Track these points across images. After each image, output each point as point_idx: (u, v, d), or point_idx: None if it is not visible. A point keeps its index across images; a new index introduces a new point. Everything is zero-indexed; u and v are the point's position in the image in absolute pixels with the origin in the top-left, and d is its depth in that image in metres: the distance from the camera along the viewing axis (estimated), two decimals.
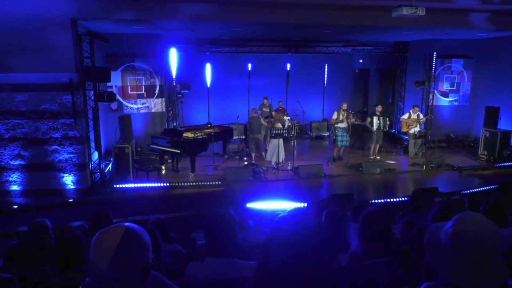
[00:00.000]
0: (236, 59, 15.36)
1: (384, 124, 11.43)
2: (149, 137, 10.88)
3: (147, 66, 11.88)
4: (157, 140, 10.29)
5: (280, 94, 15.41)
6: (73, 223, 6.81)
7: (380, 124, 11.41)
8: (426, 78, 13.62)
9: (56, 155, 8.74)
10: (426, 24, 9.58)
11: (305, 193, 8.90)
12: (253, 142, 11.30)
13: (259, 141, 11.40)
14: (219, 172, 10.35)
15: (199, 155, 10.42)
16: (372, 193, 9.56)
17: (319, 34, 12.62)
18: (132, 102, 11.99)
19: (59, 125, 8.63)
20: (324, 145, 14.35)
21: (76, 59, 8.62)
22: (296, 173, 10.14)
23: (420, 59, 13.81)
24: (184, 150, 9.80)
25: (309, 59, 15.91)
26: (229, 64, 15.54)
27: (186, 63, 14.28)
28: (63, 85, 8.46)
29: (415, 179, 10.22)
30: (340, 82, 16.83)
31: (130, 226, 1.52)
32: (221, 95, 15.53)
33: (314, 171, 10.05)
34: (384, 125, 11.44)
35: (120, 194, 8.74)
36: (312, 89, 16.26)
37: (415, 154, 12.08)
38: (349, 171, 10.59)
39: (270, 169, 10.28)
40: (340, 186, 9.73)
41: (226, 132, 11.78)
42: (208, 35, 13.11)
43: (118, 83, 11.74)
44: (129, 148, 9.66)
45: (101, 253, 1.45)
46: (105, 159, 10.58)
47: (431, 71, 13.46)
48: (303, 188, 9.36)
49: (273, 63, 15.75)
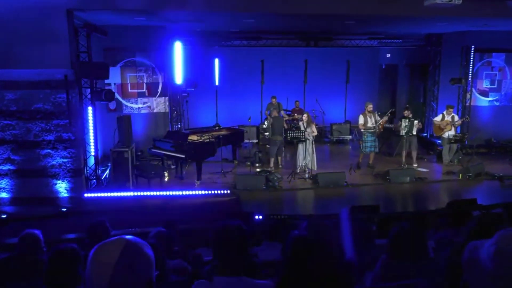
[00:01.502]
0: (248, 53, 15.41)
1: (411, 127, 11.30)
2: (150, 140, 10.96)
3: (149, 61, 12.00)
4: (160, 143, 10.36)
5: (297, 92, 15.42)
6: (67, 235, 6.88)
7: (406, 128, 11.30)
8: (463, 75, 13.46)
9: (48, 159, 8.86)
10: (463, 14, 9.49)
11: (325, 204, 8.86)
12: (274, 146, 11.26)
13: (281, 145, 11.39)
14: (228, 179, 10.37)
15: (206, 161, 10.45)
16: (401, 205, 9.47)
17: (341, 26, 12.59)
18: (132, 102, 12.11)
19: (52, 126, 8.75)
20: (346, 150, 14.27)
21: (72, 53, 8.74)
22: (314, 181, 10.10)
23: (456, 54, 13.66)
24: (189, 155, 9.85)
25: (329, 53, 15.87)
26: (240, 59, 15.60)
27: (192, 58, 14.39)
28: (57, 83, 8.58)
29: (450, 190, 10.10)
30: (364, 80, 16.73)
31: (132, 240, 1.53)
32: (230, 94, 15.59)
33: (335, 179, 10.00)
34: (411, 129, 11.31)
35: (119, 203, 8.81)
36: (333, 88, 16.21)
37: (450, 161, 11.94)
38: (374, 180, 10.51)
39: (286, 177, 10.26)
40: (364, 196, 9.66)
41: (236, 135, 11.80)
42: (217, 27, 13.19)
43: (117, 80, 11.88)
44: (129, 153, 9.74)
45: (100, 269, 1.46)
46: (102, 164, 10.67)
47: (469, 67, 13.29)
48: (322, 199, 9.31)
49: (289, 58, 15.76)
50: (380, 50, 16.61)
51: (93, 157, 9.62)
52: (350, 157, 12.91)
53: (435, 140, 13.35)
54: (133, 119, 10.81)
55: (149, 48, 11.81)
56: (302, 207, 8.92)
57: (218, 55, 15.24)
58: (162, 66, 12.08)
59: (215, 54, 15.17)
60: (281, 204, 9.05)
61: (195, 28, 12.91)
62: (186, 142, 9.99)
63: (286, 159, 12.38)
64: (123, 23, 11.07)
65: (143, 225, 6.99)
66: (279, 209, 8.47)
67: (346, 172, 10.42)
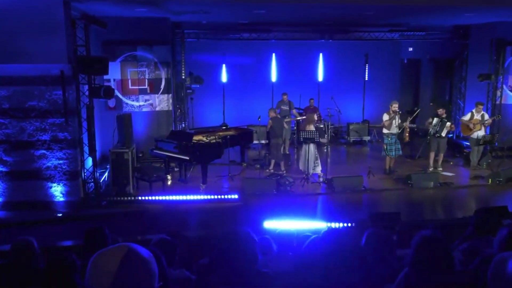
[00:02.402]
0: (257, 47, 15.44)
1: (441, 129, 11.21)
2: (152, 140, 11.02)
3: (151, 56, 12.06)
4: (162, 144, 10.41)
5: (311, 90, 15.39)
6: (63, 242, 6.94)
7: (436, 127, 11.21)
8: (493, 70, 13.34)
9: (43, 161, 8.93)
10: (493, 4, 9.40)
11: (341, 210, 8.83)
12: (275, 148, 11.29)
13: (279, 147, 11.38)
14: (236, 183, 10.38)
15: (212, 163, 10.47)
16: (424, 212, 9.40)
17: (359, 17, 12.54)
18: (133, 99, 12.19)
19: (47, 125, 8.82)
20: (364, 152, 14.22)
21: (69, 47, 8.81)
22: (329, 186, 10.08)
23: (485, 47, 13.54)
24: (194, 157, 9.88)
25: (346, 47, 15.84)
26: (249, 53, 15.64)
27: (198, 53, 14.45)
28: (53, 78, 8.65)
29: (478, 196, 10.02)
30: (384, 76, 16.67)
31: (133, 247, 1.54)
32: (239, 91, 15.63)
33: (352, 183, 9.97)
34: (441, 130, 11.22)
35: (118, 208, 8.86)
36: (350, 84, 16.17)
37: (478, 164, 11.83)
38: (395, 184, 10.46)
39: (298, 181, 10.24)
40: (384, 202, 9.62)
41: (244, 135, 11.82)
42: (224, 19, 13.22)
43: (116, 76, 11.96)
44: (129, 154, 9.80)
45: (99, 279, 1.47)
46: (100, 166, 10.74)
47: (499, 61, 13.17)
48: (338, 205, 9.28)
49: (302, 52, 15.76)
50: (402, 43, 16.53)
51: (90, 158, 9.68)
52: (368, 160, 12.85)
53: (461, 141, 13.24)
54: (133, 117, 10.86)
55: (151, 41, 11.88)
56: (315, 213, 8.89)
57: (226, 48, 15.28)
58: (165, 61, 12.14)
59: (223, 48, 15.21)
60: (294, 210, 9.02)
61: (200, 20, 12.95)
62: (190, 143, 10.02)
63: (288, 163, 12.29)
64: (123, 15, 11.14)
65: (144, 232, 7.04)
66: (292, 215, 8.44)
67: (364, 176, 10.38)
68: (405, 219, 7.61)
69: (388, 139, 10.92)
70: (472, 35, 14.02)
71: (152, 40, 11.86)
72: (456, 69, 14.77)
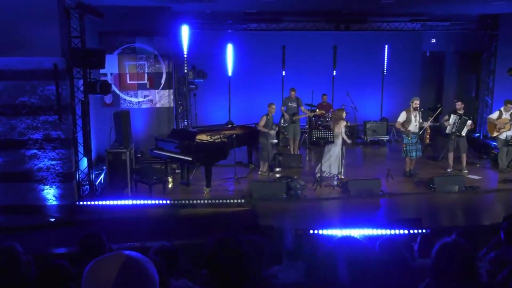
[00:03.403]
0: (266, 39, 15.43)
1: (461, 127, 11.14)
2: (152, 140, 11.05)
3: (151, 48, 12.11)
4: (163, 144, 10.44)
5: (324, 85, 15.39)
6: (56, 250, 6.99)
7: (455, 126, 11.14)
8: None
9: (35, 161, 8.98)
10: None
11: (357, 216, 8.81)
12: (265, 149, 11.23)
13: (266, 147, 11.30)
14: (243, 187, 10.39)
15: (217, 165, 10.48)
16: (448, 219, 9.36)
17: (377, 6, 12.51)
18: (131, 95, 12.24)
19: (39, 123, 8.88)
20: (382, 152, 14.17)
21: (63, 39, 8.85)
22: (344, 189, 10.05)
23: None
24: (197, 158, 9.90)
25: (363, 38, 15.80)
26: (257, 45, 15.63)
27: (202, 45, 14.46)
28: (45, 72, 8.69)
29: (507, 201, 9.94)
30: (405, 70, 16.60)
31: (132, 255, 1.55)
32: (246, 86, 15.64)
33: (369, 187, 9.94)
34: (461, 128, 11.15)
35: (115, 213, 8.89)
36: (367, 79, 16.12)
37: (507, 166, 11.76)
38: (416, 188, 10.42)
39: (310, 184, 10.24)
40: (404, 208, 9.60)
41: (252, 135, 11.82)
42: (230, 8, 13.22)
43: (114, 70, 12.02)
44: (127, 154, 9.84)
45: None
46: (96, 167, 10.79)
47: None
48: (353, 210, 9.26)
49: (315, 44, 15.74)
50: (424, 34, 16.45)
51: (86, 159, 9.74)
52: (387, 161, 12.81)
53: (489, 142, 13.14)
54: (132, 115, 10.93)
55: (151, 32, 11.91)
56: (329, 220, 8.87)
57: (232, 40, 15.30)
58: (166, 53, 12.18)
59: (228, 40, 15.23)
60: (305, 216, 9.03)
61: (204, 9, 12.97)
62: (193, 142, 10.05)
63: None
64: (121, 3, 11.16)
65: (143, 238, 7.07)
66: (303, 222, 8.44)
67: (382, 179, 10.35)
68: (427, 226, 7.58)
69: (408, 139, 10.85)
70: (502, 25, 13.93)
71: (152, 31, 11.89)
72: (483, 62, 14.68)
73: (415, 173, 11.12)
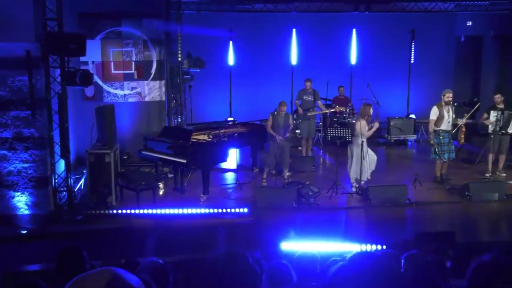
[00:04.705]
0: (274, 22, 15.42)
1: (507, 123, 11.13)
2: (141, 139, 11.05)
3: (139, 32, 12.12)
4: (153, 144, 10.45)
5: (341, 75, 15.34)
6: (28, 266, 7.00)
7: (498, 123, 11.12)
8: None
9: (4, 164, 9.00)
10: None
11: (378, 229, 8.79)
12: (272, 152, 11.13)
13: (283, 151, 11.08)
14: (246, 194, 10.40)
15: (216, 168, 10.49)
16: (486, 232, 9.32)
17: None
18: (116, 87, 12.25)
19: (9, 119, 8.89)
20: (409, 154, 14.14)
21: (36, 21, 8.85)
22: (364, 197, 10.04)
23: None
24: (193, 160, 9.90)
25: (386, 21, 15.78)
26: (263, 29, 15.61)
27: (199, 29, 14.45)
28: (16, 61, 8.70)
29: None
30: (435, 58, 16.55)
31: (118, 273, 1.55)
32: (250, 77, 15.64)
33: (393, 195, 9.92)
34: (507, 125, 11.14)
35: (98, 224, 8.90)
36: (392, 68, 16.09)
37: None
38: (448, 196, 10.39)
39: (325, 192, 10.21)
40: (434, 219, 9.57)
41: (256, 133, 11.82)
42: None
43: (96, 57, 12.03)
44: (111, 156, 9.84)
45: None
46: (75, 171, 10.80)
47: None
48: (374, 222, 9.25)
49: (331, 28, 15.72)
50: (458, 16, 16.41)
51: (63, 161, 9.75)
52: (414, 165, 12.78)
53: None
54: (117, 110, 10.91)
55: (139, 14, 11.91)
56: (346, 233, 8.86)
57: (234, 23, 15.28)
58: (157, 38, 12.18)
59: (230, 23, 15.22)
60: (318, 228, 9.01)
61: None
62: (188, 142, 10.05)
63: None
64: None
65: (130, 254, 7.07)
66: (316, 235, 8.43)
67: (408, 185, 10.33)
68: (462, 241, 7.56)
69: (439, 138, 10.82)
70: None
71: (140, 13, 11.89)
72: None
73: (448, 179, 11.09)
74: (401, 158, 13.84)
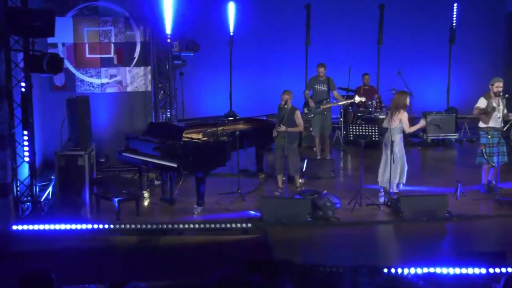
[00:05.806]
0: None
1: None
2: (122, 138, 11.06)
3: (120, 8, 12.11)
4: (137, 144, 10.45)
5: (365, 60, 15.36)
6: None
7: None
8: None
9: None
10: None
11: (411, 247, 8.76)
12: (277, 155, 11.13)
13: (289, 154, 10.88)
14: (250, 205, 10.40)
15: (213, 174, 10.47)
16: None
17: None
18: (92, 74, 12.26)
19: None
20: (449, 156, 14.14)
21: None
22: (394, 209, 10.03)
23: None
24: (185, 164, 9.88)
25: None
26: (271, 5, 15.63)
27: (193, 4, 14.48)
28: None
29: None
30: (482, 39, 16.54)
31: None
32: (254, 63, 15.66)
33: (430, 207, 9.92)
34: None
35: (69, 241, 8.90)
36: (428, 52, 16.10)
37: None
38: (498, 208, 10.39)
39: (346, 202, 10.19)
40: (481, 236, 9.57)
41: (262, 131, 11.81)
42: None
43: (67, 39, 12.05)
44: (85, 158, 9.84)
45: None
46: (42, 176, 10.81)
47: None
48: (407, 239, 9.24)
49: (352, 2, 15.71)
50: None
51: (27, 165, 9.76)
52: (456, 170, 12.76)
53: None
54: (93, 102, 10.92)
55: None
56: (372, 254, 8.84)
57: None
58: (141, 15, 12.18)
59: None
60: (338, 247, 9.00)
61: None
62: (180, 142, 10.04)
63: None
64: None
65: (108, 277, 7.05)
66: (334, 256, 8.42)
67: (449, 195, 10.30)
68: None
69: (487, 138, 10.79)
70: None
71: None
72: None
73: (497, 187, 11.06)
74: (440, 161, 13.82)
